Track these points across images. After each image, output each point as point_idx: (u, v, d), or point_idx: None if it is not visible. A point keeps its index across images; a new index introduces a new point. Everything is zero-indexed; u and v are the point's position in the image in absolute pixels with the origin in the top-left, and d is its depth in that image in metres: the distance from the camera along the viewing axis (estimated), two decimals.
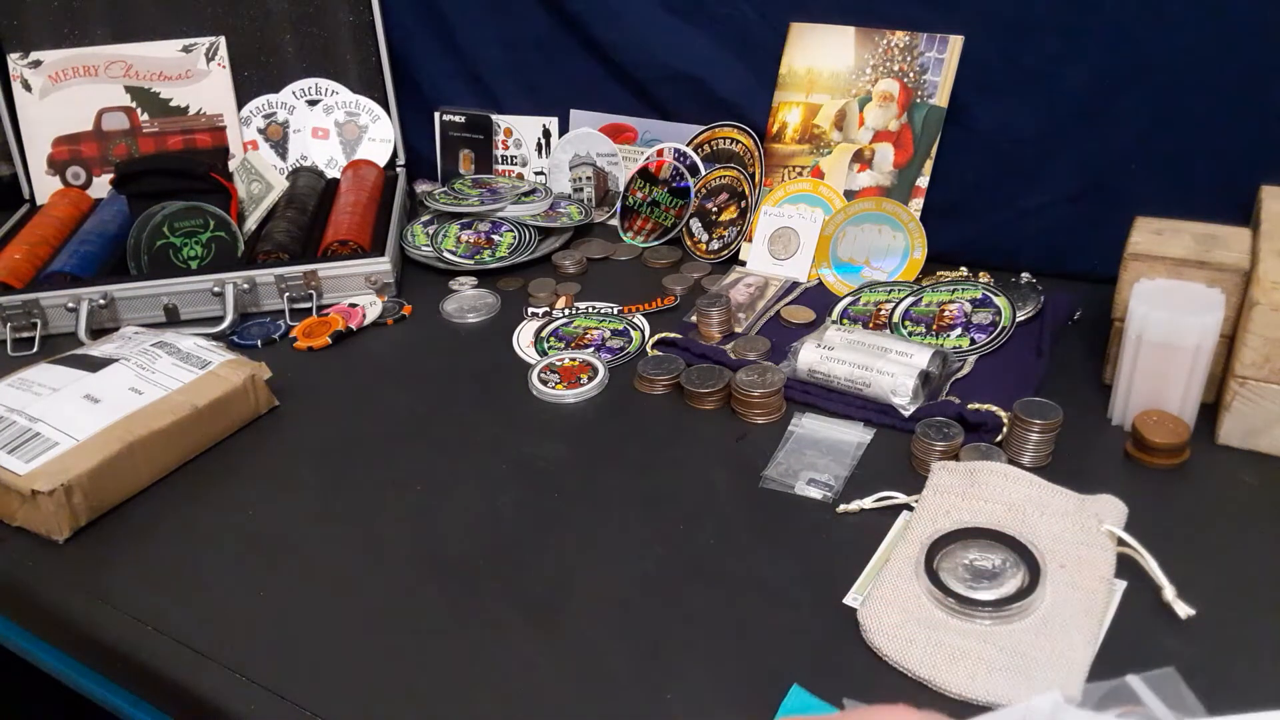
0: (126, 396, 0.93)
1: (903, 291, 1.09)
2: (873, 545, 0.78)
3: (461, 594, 0.77)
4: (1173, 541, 0.74)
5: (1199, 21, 1.01)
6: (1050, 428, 0.84)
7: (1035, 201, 1.14)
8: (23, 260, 1.22)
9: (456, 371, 1.08)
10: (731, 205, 1.27)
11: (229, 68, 1.44)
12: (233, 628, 0.75)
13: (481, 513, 0.86)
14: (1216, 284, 0.87)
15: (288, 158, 1.48)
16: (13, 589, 0.83)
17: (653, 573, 0.77)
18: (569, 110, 1.43)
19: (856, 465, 0.88)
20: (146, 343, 1.01)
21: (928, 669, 0.66)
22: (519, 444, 0.94)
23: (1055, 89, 1.10)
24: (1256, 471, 0.84)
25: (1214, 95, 1.03)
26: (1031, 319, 1.05)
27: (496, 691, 0.68)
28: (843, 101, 1.21)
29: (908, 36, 1.16)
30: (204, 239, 1.24)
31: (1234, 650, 0.67)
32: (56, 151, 1.42)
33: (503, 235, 1.31)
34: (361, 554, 0.82)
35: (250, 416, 1.00)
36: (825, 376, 0.96)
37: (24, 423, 0.89)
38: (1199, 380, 0.85)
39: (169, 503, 0.90)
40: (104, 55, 1.41)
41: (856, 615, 0.71)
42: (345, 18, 1.44)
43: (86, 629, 0.78)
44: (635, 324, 1.12)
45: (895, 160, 1.18)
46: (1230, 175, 1.02)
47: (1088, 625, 0.68)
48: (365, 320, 1.17)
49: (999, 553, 0.73)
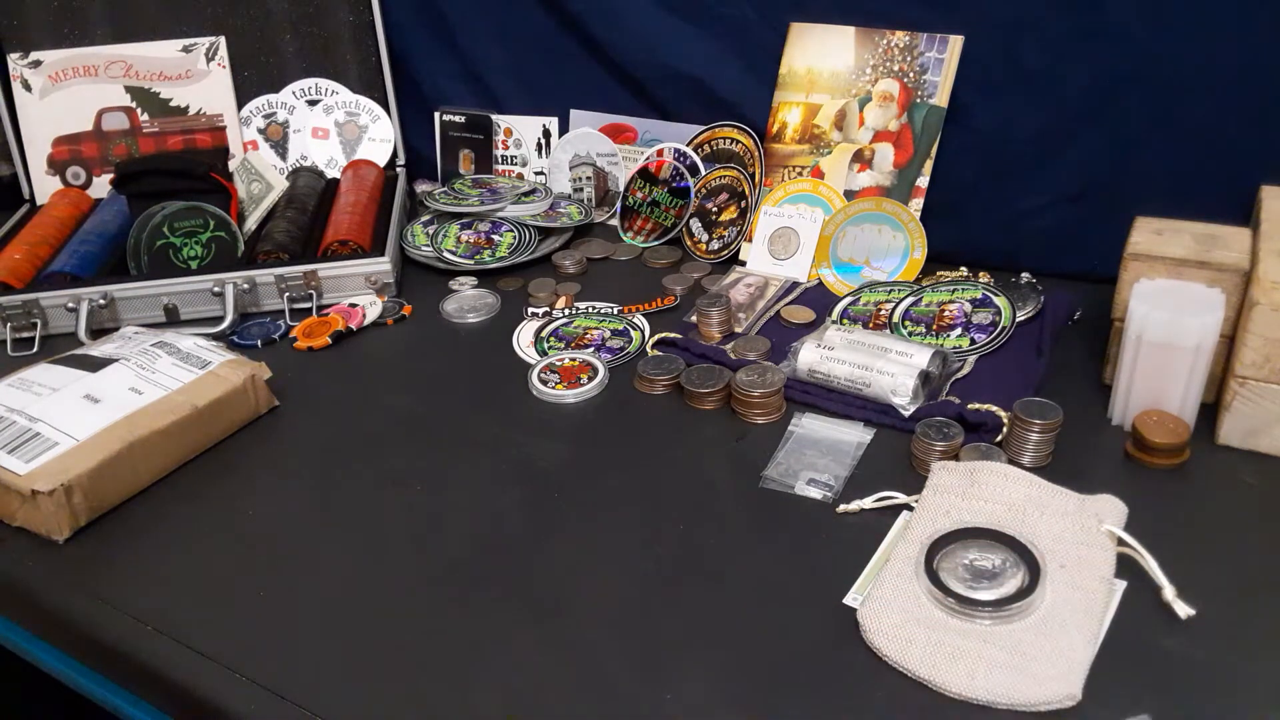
0: (126, 396, 0.93)
1: (903, 291, 1.09)
2: (873, 545, 0.78)
3: (461, 594, 0.77)
4: (1173, 541, 0.74)
5: (1199, 21, 1.01)
6: (1050, 428, 0.84)
7: (1035, 201, 1.14)
8: (23, 260, 1.22)
9: (456, 372, 1.08)
10: (731, 205, 1.27)
11: (229, 68, 1.44)
12: (233, 628, 0.75)
13: (481, 513, 0.86)
14: (1216, 284, 0.87)
15: (288, 158, 1.48)
16: (13, 589, 0.83)
17: (653, 573, 0.77)
18: (569, 110, 1.43)
19: (856, 465, 0.88)
20: (146, 343, 1.01)
21: (928, 669, 0.66)
22: (519, 444, 0.94)
23: (1055, 89, 1.10)
24: (1256, 471, 0.84)
25: (1214, 95, 1.03)
26: (1031, 319, 1.05)
27: (496, 691, 0.68)
28: (843, 101, 1.21)
29: (908, 36, 1.16)
30: (204, 239, 1.24)
31: (1234, 650, 0.67)
32: (56, 151, 1.42)
33: (503, 235, 1.31)
34: (361, 554, 0.82)
35: (250, 416, 1.00)
36: (825, 376, 0.96)
37: (24, 423, 0.89)
38: (1199, 380, 0.85)
39: (169, 503, 0.90)
40: (104, 55, 1.41)
41: (856, 615, 0.71)
42: (345, 18, 1.44)
43: (86, 629, 0.78)
44: (635, 324, 1.12)
45: (895, 160, 1.18)
46: (1230, 175, 1.02)
47: (1088, 625, 0.68)
48: (365, 320, 1.17)
49: (999, 553, 0.73)
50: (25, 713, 1.29)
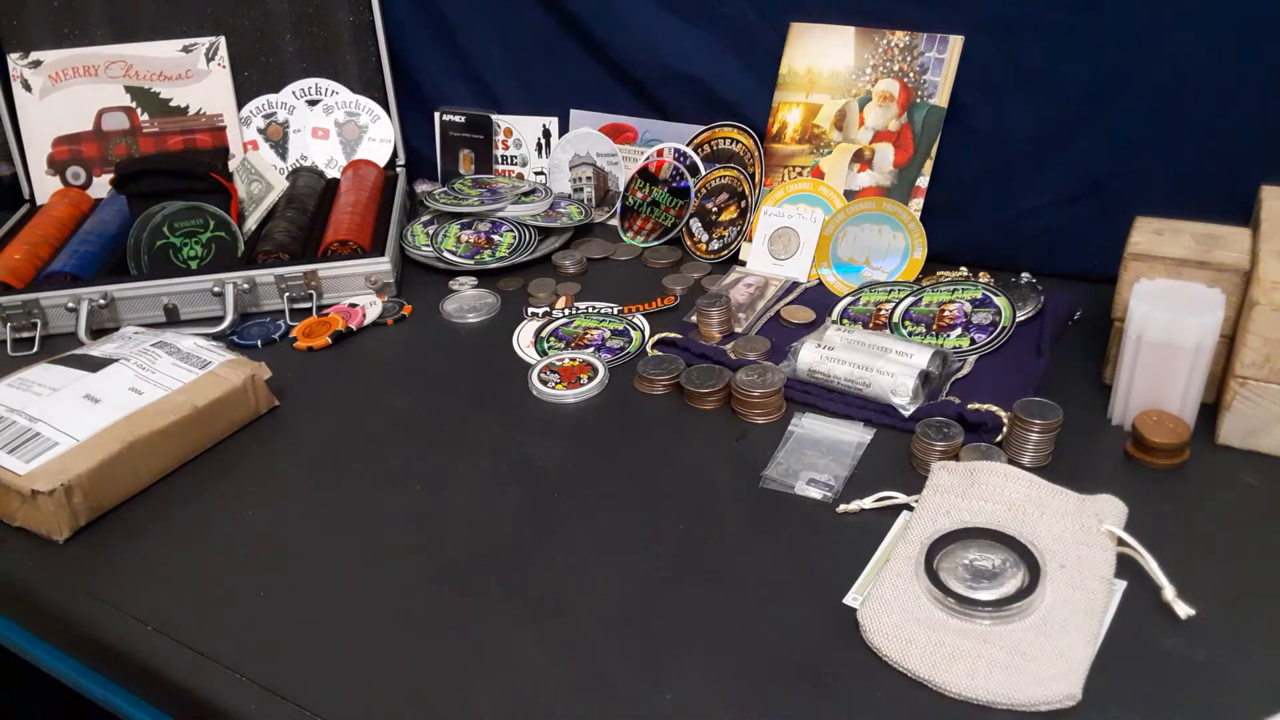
0: (126, 396, 0.93)
1: (903, 291, 1.09)
2: (873, 545, 0.78)
3: (461, 594, 0.77)
4: (1173, 541, 0.74)
5: (1199, 21, 1.01)
6: (1050, 428, 0.84)
7: (1035, 201, 1.14)
8: (23, 260, 1.22)
9: (456, 371, 1.08)
10: (731, 205, 1.27)
11: (229, 68, 1.44)
12: (233, 628, 0.75)
13: (481, 513, 0.86)
14: (1216, 284, 0.87)
15: (288, 158, 1.48)
16: (13, 589, 0.83)
17: (653, 573, 0.77)
18: (569, 110, 1.43)
19: (856, 465, 0.88)
20: (146, 343, 1.01)
21: (927, 669, 0.66)
22: (519, 444, 0.94)
23: (1055, 89, 1.10)
24: (1256, 471, 0.84)
25: (1214, 95, 1.03)
26: (1031, 319, 1.05)
27: (496, 691, 0.68)
28: (843, 101, 1.21)
29: (908, 36, 1.16)
30: (204, 239, 1.24)
31: (1234, 650, 0.67)
32: (56, 151, 1.42)
33: (503, 235, 1.31)
34: (361, 554, 0.82)
35: (250, 416, 1.00)
36: (825, 376, 0.96)
37: (24, 423, 0.89)
38: (1199, 380, 0.85)
39: (169, 503, 0.90)
40: (104, 55, 1.41)
41: (856, 615, 0.71)
42: (345, 18, 1.44)
43: (86, 629, 0.78)
44: (635, 324, 1.12)
45: (895, 160, 1.18)
46: (1230, 175, 1.02)
47: (1088, 625, 0.68)
48: (365, 320, 1.17)
49: (999, 553, 0.73)
50: (25, 713, 1.29)
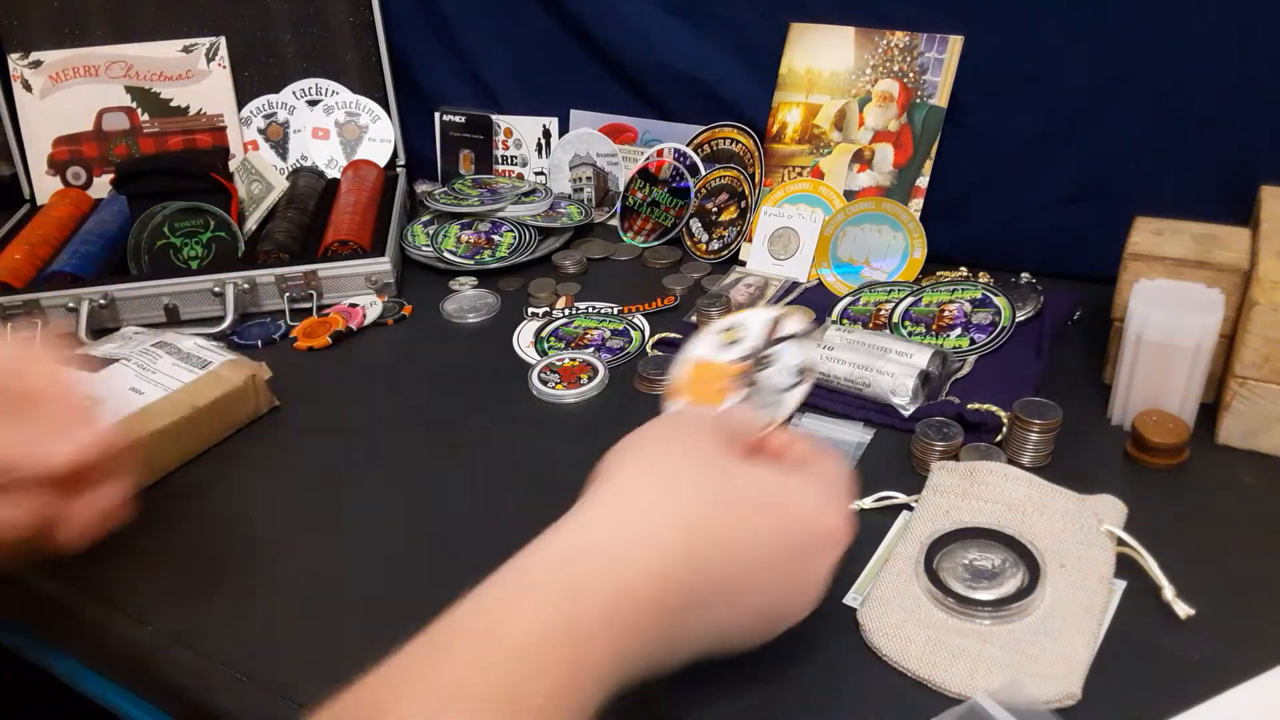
0: (127, 396, 0.93)
1: (902, 291, 1.09)
2: (872, 545, 0.78)
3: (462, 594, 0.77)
4: (1173, 541, 0.74)
5: (1199, 21, 1.01)
6: (1050, 428, 0.84)
7: (1035, 202, 1.14)
8: (23, 260, 1.22)
9: (456, 372, 1.08)
10: (731, 205, 1.27)
11: (229, 68, 1.44)
12: (233, 628, 0.75)
13: (481, 513, 0.86)
14: (1216, 284, 0.87)
15: (288, 158, 1.48)
16: (13, 589, 0.83)
17: None
18: (569, 110, 1.43)
19: (856, 465, 0.88)
20: (147, 343, 1.01)
21: (927, 669, 0.66)
22: (519, 444, 0.94)
23: (1055, 89, 1.09)
24: (1256, 471, 0.84)
25: (1214, 95, 1.03)
26: (1031, 319, 1.05)
27: None
28: (843, 101, 1.21)
29: (908, 36, 1.16)
30: (204, 239, 1.24)
31: (1234, 650, 0.67)
32: (57, 151, 1.42)
33: (503, 235, 1.31)
34: (362, 554, 0.82)
35: (250, 417, 1.00)
36: (825, 376, 0.96)
37: None
38: (1199, 380, 0.85)
39: (169, 503, 0.90)
40: (104, 55, 1.41)
41: (856, 615, 0.71)
42: (345, 18, 1.44)
43: (87, 629, 0.78)
44: (635, 324, 1.12)
45: (895, 160, 1.18)
46: (1230, 175, 1.02)
47: (1088, 625, 0.68)
48: (365, 320, 1.17)
49: (999, 552, 0.73)
50: (25, 713, 1.29)
